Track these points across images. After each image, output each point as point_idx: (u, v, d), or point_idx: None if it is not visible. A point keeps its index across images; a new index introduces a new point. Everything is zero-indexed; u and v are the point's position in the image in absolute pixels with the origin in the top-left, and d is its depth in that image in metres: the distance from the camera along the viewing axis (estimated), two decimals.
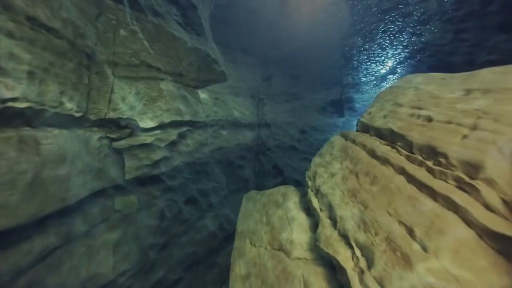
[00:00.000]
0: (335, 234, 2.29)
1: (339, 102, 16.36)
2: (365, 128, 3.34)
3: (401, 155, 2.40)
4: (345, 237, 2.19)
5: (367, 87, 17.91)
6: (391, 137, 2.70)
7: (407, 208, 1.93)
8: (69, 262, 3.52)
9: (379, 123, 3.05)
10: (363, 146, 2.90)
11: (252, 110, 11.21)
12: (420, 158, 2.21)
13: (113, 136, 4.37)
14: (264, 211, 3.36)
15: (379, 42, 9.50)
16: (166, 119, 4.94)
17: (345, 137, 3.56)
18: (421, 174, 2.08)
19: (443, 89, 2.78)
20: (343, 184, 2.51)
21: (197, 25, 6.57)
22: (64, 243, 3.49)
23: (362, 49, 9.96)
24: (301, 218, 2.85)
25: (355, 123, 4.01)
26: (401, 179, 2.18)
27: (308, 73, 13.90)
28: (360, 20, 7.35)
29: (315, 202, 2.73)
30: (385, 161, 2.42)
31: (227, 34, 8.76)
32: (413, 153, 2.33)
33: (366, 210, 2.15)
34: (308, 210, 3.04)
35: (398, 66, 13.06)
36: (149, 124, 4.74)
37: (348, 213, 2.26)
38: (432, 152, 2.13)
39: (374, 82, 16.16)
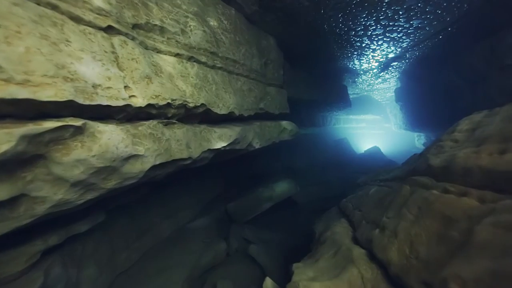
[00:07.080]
0: None
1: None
2: None
3: None
4: None
5: (364, 77, 15.51)
6: None
7: None
8: None
9: None
10: None
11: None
12: None
13: None
14: None
15: (408, 6, 6.85)
16: None
17: None
18: None
19: None
20: None
21: None
22: None
23: (383, 16, 7.24)
24: None
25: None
26: None
27: None
28: None
29: None
30: None
31: None
32: None
33: None
34: None
35: (411, 49, 10.69)
36: None
37: None
38: None
39: (375, 70, 13.77)
